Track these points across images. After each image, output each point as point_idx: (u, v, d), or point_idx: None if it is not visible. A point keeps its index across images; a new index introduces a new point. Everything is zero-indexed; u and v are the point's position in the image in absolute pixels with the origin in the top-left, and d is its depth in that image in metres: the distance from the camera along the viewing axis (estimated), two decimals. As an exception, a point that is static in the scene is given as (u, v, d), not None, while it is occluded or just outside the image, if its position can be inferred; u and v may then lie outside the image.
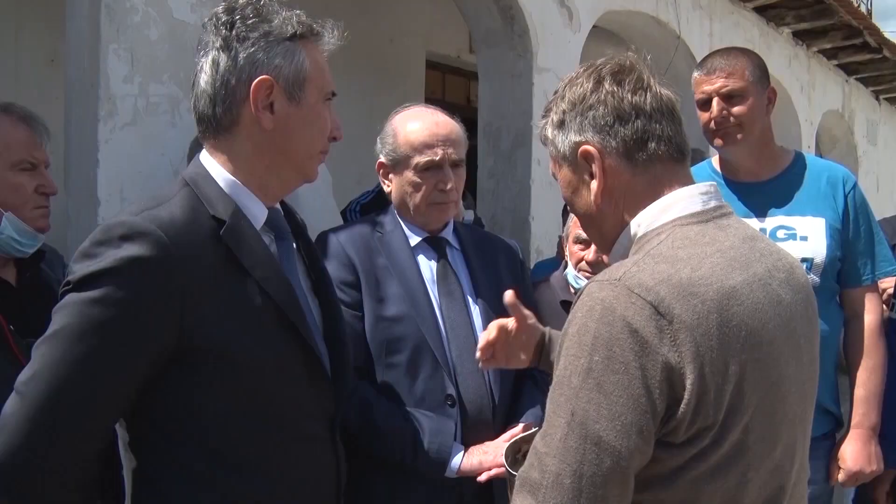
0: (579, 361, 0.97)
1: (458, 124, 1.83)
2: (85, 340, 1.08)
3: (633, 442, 0.95)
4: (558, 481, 0.95)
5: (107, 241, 1.11)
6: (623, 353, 0.95)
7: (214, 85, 1.21)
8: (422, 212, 1.80)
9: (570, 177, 1.16)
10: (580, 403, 0.96)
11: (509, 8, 4.14)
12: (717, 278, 1.00)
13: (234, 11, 1.23)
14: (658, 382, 0.95)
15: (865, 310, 2.05)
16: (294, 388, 1.23)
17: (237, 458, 1.18)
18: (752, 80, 2.00)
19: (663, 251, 1.03)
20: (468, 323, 1.77)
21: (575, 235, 2.32)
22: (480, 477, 1.66)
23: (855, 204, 2.05)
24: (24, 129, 1.66)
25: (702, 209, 1.10)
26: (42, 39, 3.95)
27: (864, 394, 2.01)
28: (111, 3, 2.41)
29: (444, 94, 6.26)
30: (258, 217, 1.26)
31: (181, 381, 1.15)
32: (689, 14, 5.58)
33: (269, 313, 1.19)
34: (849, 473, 1.99)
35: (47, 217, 1.70)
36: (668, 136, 1.11)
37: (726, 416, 0.98)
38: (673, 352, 0.95)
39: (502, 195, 4.22)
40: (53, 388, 1.07)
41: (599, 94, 1.11)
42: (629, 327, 0.95)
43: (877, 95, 9.42)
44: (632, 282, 0.98)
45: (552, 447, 0.97)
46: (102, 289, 1.08)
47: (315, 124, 1.27)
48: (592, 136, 1.11)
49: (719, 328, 0.97)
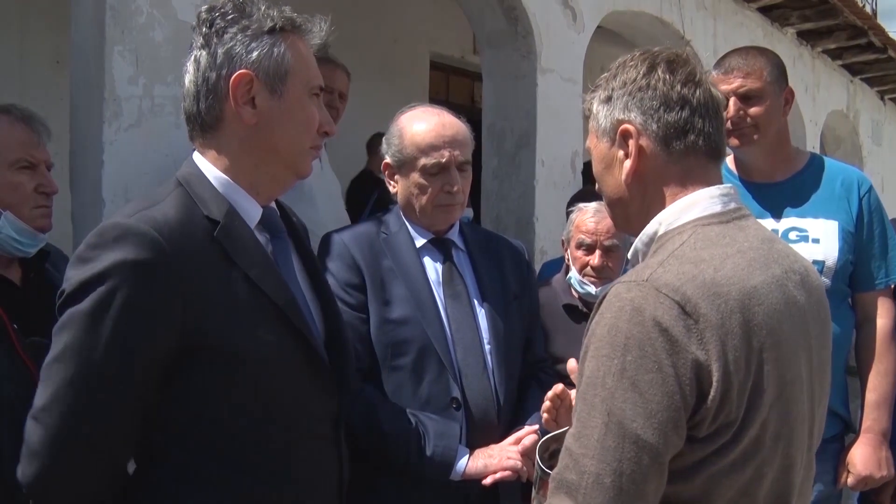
0: (612, 362, 0.99)
1: (465, 125, 1.82)
2: (94, 355, 1.07)
3: (668, 437, 0.97)
4: (598, 481, 0.96)
5: (101, 244, 1.10)
6: (655, 352, 0.97)
7: (197, 83, 1.21)
8: (428, 214, 1.79)
9: (605, 152, 1.18)
10: (616, 403, 0.97)
11: (513, 9, 4.14)
12: (738, 278, 1.03)
13: (215, 9, 1.22)
14: (688, 380, 0.97)
15: (878, 314, 2.03)
16: (297, 387, 1.23)
17: (244, 460, 1.18)
18: (769, 81, 1.99)
19: (686, 252, 1.05)
20: (474, 325, 1.76)
21: (578, 240, 2.31)
22: (486, 480, 1.65)
23: (870, 208, 2.03)
24: (23, 128, 1.66)
25: (722, 210, 1.12)
26: (47, 41, 3.96)
27: (875, 398, 1.99)
28: (116, 4, 2.40)
29: (448, 95, 6.26)
30: (252, 216, 1.25)
31: (185, 383, 1.15)
32: (693, 14, 5.56)
33: (267, 313, 1.18)
34: (858, 478, 1.98)
35: (48, 217, 1.69)
36: (708, 132, 1.14)
37: (746, 413, 1.00)
38: (700, 350, 0.97)
39: (506, 196, 4.22)
40: (73, 410, 1.07)
41: (650, 79, 1.14)
42: (659, 326, 0.97)
43: (882, 95, 9.39)
44: (659, 282, 1.00)
45: (589, 448, 0.98)
46: (102, 294, 1.07)
47: (299, 118, 1.25)
48: (636, 115, 1.14)
49: (742, 327, 1.00)
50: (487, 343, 1.77)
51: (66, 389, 1.07)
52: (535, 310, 1.97)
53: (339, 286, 1.73)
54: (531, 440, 1.71)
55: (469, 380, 1.72)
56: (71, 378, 1.07)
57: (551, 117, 4.26)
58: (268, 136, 1.22)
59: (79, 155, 2.51)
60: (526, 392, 1.86)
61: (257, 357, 1.16)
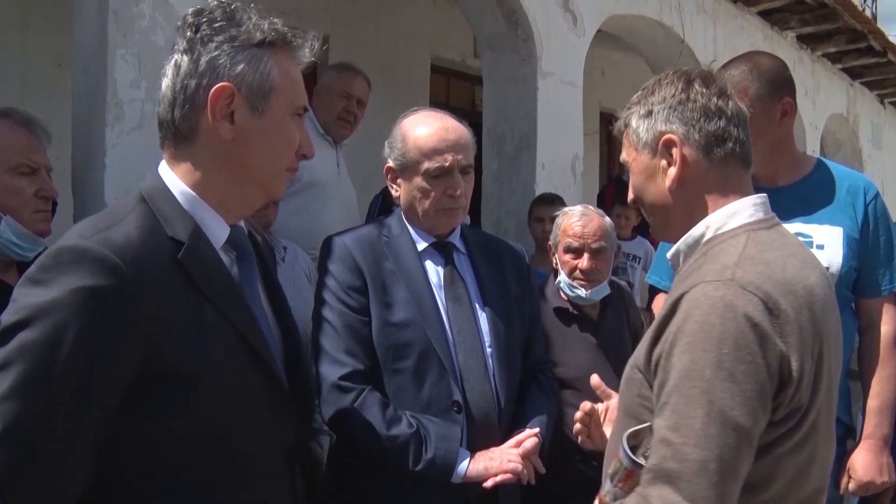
0: (709, 356, 1.06)
1: (467, 129, 1.82)
2: (50, 391, 0.98)
3: (759, 422, 1.07)
4: (704, 468, 1.03)
5: (56, 267, 1.02)
6: (748, 345, 1.06)
7: (174, 88, 1.14)
8: (430, 217, 1.79)
9: (647, 163, 1.27)
10: (716, 393, 1.05)
11: (514, 12, 4.15)
12: (800, 277, 1.14)
13: (203, 14, 1.15)
14: (774, 369, 1.07)
15: (883, 320, 2.03)
16: (256, 417, 1.16)
17: (197, 494, 1.10)
18: (755, 98, 1.92)
19: (753, 253, 1.15)
20: (475, 328, 1.77)
21: (565, 244, 2.32)
22: (486, 483, 1.65)
23: (875, 214, 2.02)
24: (23, 132, 1.66)
25: (764, 217, 1.23)
26: (49, 43, 3.96)
27: (877, 404, 1.99)
28: (118, 8, 2.41)
29: (449, 99, 6.26)
30: (219, 237, 1.18)
31: (138, 411, 1.06)
32: (693, 18, 5.57)
33: (229, 339, 1.12)
34: (859, 483, 1.98)
35: (48, 221, 1.69)
36: (742, 140, 1.25)
37: (810, 399, 1.11)
38: (782, 342, 1.08)
39: (507, 199, 4.23)
40: (26, 454, 0.98)
41: (690, 93, 1.24)
42: (750, 321, 1.06)
43: (881, 99, 9.41)
44: (743, 281, 1.09)
45: (691, 437, 1.04)
46: (58, 323, 0.99)
47: (279, 139, 1.18)
48: (678, 127, 1.23)
49: (809, 321, 1.11)
50: (488, 346, 1.77)
51: (17, 428, 0.98)
52: (535, 312, 1.98)
53: (340, 288, 1.73)
54: (532, 443, 1.72)
55: (470, 383, 1.72)
56: (22, 418, 0.98)
57: (552, 120, 4.27)
58: (242, 155, 1.16)
59: (80, 158, 2.52)
60: (526, 394, 1.86)
61: (219, 384, 1.10)
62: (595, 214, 2.36)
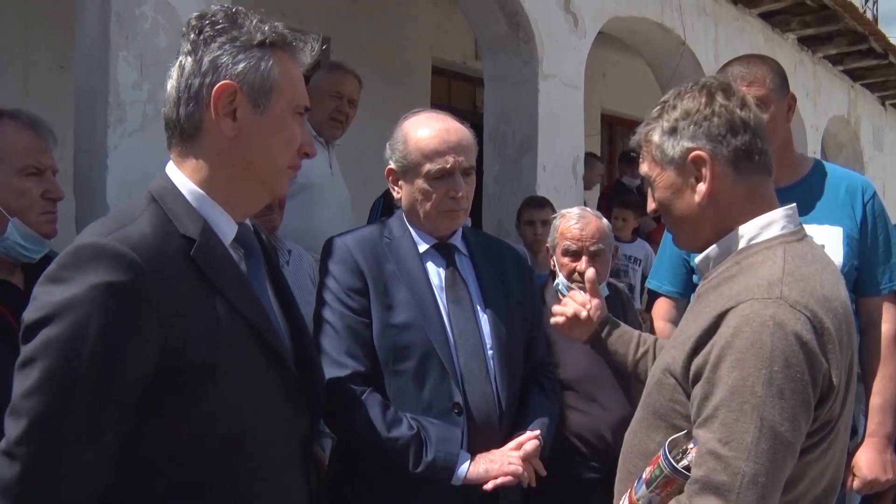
0: (760, 372, 1.09)
1: (468, 130, 1.82)
2: (74, 386, 1.02)
3: (803, 436, 1.12)
4: (755, 481, 1.07)
5: (76, 264, 1.05)
6: (798, 363, 1.10)
7: (179, 88, 1.18)
8: (432, 219, 1.79)
9: (673, 179, 1.28)
10: (767, 409, 1.09)
11: (515, 14, 4.15)
12: (836, 293, 1.19)
13: (206, 17, 1.20)
14: (818, 385, 1.11)
15: (883, 319, 2.04)
16: (272, 408, 1.19)
17: (213, 489, 1.13)
18: (772, 88, 1.99)
19: (792, 269, 1.17)
20: (476, 330, 1.77)
21: (563, 247, 2.31)
22: (487, 485, 1.65)
23: (874, 213, 2.04)
24: (30, 134, 1.66)
25: (795, 228, 1.26)
26: (51, 45, 3.97)
27: (880, 403, 2.00)
28: (121, 10, 2.42)
29: (450, 100, 6.27)
30: (227, 234, 1.22)
31: (157, 405, 1.09)
32: (694, 20, 5.58)
33: (243, 332, 1.16)
34: (864, 481, 1.98)
35: (54, 223, 1.70)
36: (765, 150, 1.27)
37: (840, 409, 1.17)
38: (825, 359, 1.12)
39: (508, 201, 4.23)
40: (51, 448, 1.02)
41: (714, 107, 1.25)
42: (800, 340, 1.10)
43: (882, 101, 9.41)
44: (791, 299, 1.13)
45: (742, 451, 1.08)
46: (80, 319, 1.02)
47: (281, 136, 1.22)
48: (705, 143, 1.24)
49: (846, 337, 1.16)
50: (490, 348, 1.77)
51: (43, 423, 1.01)
52: (537, 314, 1.98)
53: (341, 290, 1.73)
54: (532, 445, 1.72)
55: (471, 385, 1.72)
56: (48, 412, 1.01)
57: (553, 122, 4.27)
58: (245, 151, 1.19)
59: (83, 159, 2.53)
60: (528, 396, 1.86)
61: (233, 376, 1.13)
62: (593, 217, 2.36)
